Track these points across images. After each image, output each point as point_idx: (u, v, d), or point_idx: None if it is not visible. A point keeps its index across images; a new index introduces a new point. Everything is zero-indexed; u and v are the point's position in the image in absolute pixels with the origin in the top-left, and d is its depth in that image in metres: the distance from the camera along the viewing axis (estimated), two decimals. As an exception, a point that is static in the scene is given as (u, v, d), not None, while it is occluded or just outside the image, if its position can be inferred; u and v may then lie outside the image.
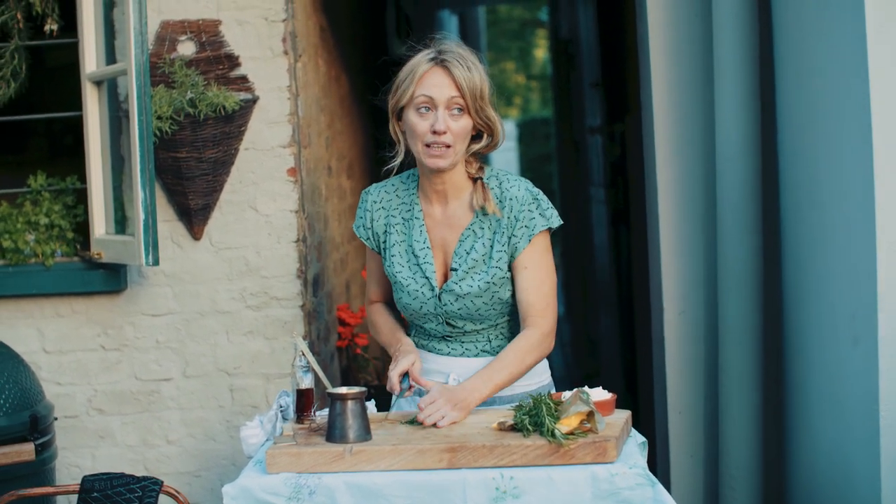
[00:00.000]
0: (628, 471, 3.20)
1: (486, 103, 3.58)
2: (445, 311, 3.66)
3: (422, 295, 3.67)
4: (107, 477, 3.60)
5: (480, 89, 3.56)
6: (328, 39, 6.37)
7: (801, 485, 4.66)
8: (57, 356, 5.20)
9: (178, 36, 5.06)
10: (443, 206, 3.69)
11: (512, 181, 3.66)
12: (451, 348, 3.72)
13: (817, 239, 4.37)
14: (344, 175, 6.78)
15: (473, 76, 3.55)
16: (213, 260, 5.15)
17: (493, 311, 3.67)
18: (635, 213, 7.24)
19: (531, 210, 3.61)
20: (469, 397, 3.50)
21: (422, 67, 3.57)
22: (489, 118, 3.60)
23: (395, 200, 3.76)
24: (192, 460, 5.22)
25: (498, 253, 3.61)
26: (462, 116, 3.56)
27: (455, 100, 3.55)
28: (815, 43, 4.30)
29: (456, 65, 3.54)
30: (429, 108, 3.56)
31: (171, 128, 4.89)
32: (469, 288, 3.62)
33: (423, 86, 3.56)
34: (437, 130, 3.53)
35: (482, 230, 3.64)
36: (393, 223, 3.74)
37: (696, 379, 5.10)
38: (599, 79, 9.26)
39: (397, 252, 3.72)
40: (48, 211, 5.20)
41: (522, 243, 3.60)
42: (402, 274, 3.70)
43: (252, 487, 3.26)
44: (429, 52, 3.60)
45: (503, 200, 3.63)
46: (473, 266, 3.63)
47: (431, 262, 3.67)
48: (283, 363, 5.15)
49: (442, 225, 3.69)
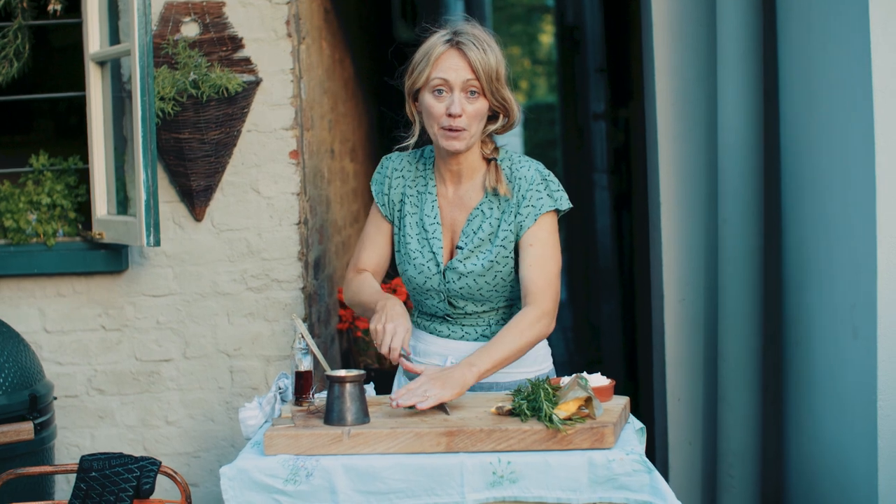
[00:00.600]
0: (625, 457, 3.20)
1: (501, 84, 3.58)
2: (448, 288, 3.65)
3: (427, 269, 3.67)
4: (105, 457, 3.61)
5: (496, 71, 3.56)
6: (332, 22, 6.36)
7: (799, 473, 4.67)
8: (58, 336, 5.21)
9: (182, 17, 5.05)
10: (455, 186, 3.70)
11: (523, 162, 3.67)
12: (451, 330, 3.72)
13: (818, 229, 4.37)
14: (347, 158, 6.77)
15: (489, 58, 3.54)
16: (215, 241, 5.15)
17: (495, 294, 3.66)
18: (638, 200, 7.24)
19: (539, 190, 3.61)
20: (464, 373, 3.41)
21: (437, 49, 3.57)
22: (504, 99, 3.60)
23: (413, 172, 3.77)
24: (191, 441, 5.23)
25: (504, 232, 3.61)
26: (477, 99, 3.56)
27: (470, 82, 3.54)
28: (818, 32, 4.30)
29: (471, 47, 3.54)
30: (444, 91, 3.56)
31: (173, 109, 4.88)
32: (473, 266, 3.62)
33: (438, 68, 3.56)
34: (452, 113, 3.54)
35: (491, 210, 3.64)
36: (408, 194, 3.75)
37: (695, 366, 5.11)
38: (604, 64, 9.25)
39: (408, 223, 3.72)
40: (50, 191, 5.20)
41: (528, 221, 3.60)
42: (411, 245, 3.70)
43: (249, 469, 3.26)
44: (444, 33, 3.59)
45: (513, 180, 3.63)
46: (479, 245, 3.63)
47: (440, 237, 3.68)
48: (283, 345, 5.16)
49: (453, 205, 3.70)
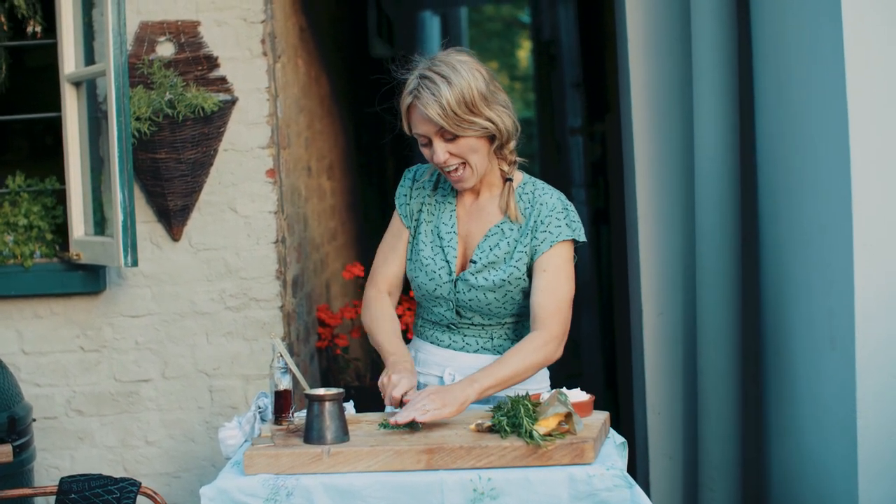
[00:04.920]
0: (606, 472, 3.20)
1: (478, 110, 3.49)
2: (457, 298, 3.66)
3: (438, 277, 3.67)
4: (84, 478, 3.60)
5: (465, 105, 3.47)
6: (308, 40, 6.37)
7: (780, 485, 4.67)
8: (35, 357, 5.19)
9: (157, 37, 5.05)
10: (474, 197, 3.72)
11: (546, 189, 3.67)
12: (452, 340, 3.72)
13: (795, 240, 4.38)
14: (324, 175, 6.77)
15: (450, 97, 3.45)
16: (193, 261, 5.14)
17: (503, 310, 3.67)
18: (615, 213, 7.25)
19: (558, 218, 3.61)
20: (464, 390, 3.42)
21: (406, 101, 3.52)
22: (489, 120, 3.52)
23: (432, 183, 3.78)
24: (171, 461, 5.21)
25: (519, 253, 3.62)
26: (457, 139, 3.51)
27: (440, 131, 3.50)
28: (793, 44, 4.31)
29: (427, 98, 3.46)
30: (426, 143, 3.55)
31: (149, 129, 4.88)
32: (484, 281, 3.62)
33: (412, 122, 3.54)
34: (437, 163, 3.54)
35: (511, 230, 3.65)
36: (427, 203, 3.76)
37: (674, 380, 5.11)
38: (580, 79, 9.27)
39: (424, 231, 3.74)
40: (27, 212, 5.19)
41: (544, 246, 3.60)
42: (424, 252, 3.71)
43: (229, 489, 3.25)
44: (413, 77, 3.52)
45: (533, 205, 3.63)
46: (494, 262, 3.63)
47: (455, 247, 3.69)
48: (263, 364, 5.15)
49: (471, 216, 3.71)
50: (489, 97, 3.52)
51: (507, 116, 3.57)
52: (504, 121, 3.56)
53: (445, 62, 3.52)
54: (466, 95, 3.47)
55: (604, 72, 7.76)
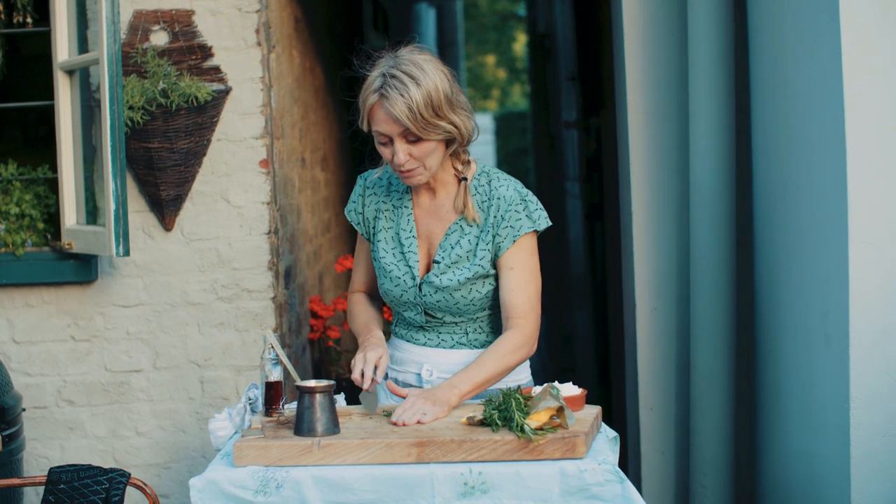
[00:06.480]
0: (597, 467, 3.19)
1: (442, 114, 3.47)
2: (424, 301, 3.65)
3: (403, 283, 3.66)
4: (73, 469, 3.58)
5: (431, 107, 3.44)
6: (303, 31, 6.35)
7: (772, 482, 4.66)
8: (26, 346, 5.17)
9: (151, 26, 5.03)
10: (431, 196, 3.69)
11: (502, 181, 3.64)
12: (427, 338, 3.72)
13: (790, 237, 4.37)
14: (318, 167, 6.75)
15: (417, 98, 3.42)
16: (185, 251, 5.13)
17: (473, 307, 3.66)
18: (610, 208, 7.24)
19: (518, 211, 3.60)
20: (448, 394, 3.46)
21: (370, 99, 3.48)
22: (452, 124, 3.50)
23: (386, 187, 3.76)
24: (161, 452, 5.20)
25: (482, 251, 3.60)
26: (420, 141, 3.48)
27: (404, 132, 3.47)
28: (790, 40, 4.30)
29: (395, 98, 3.42)
30: (385, 142, 3.52)
31: (142, 118, 4.86)
32: (449, 282, 3.61)
33: (373, 120, 3.50)
34: (395, 163, 3.51)
35: (470, 227, 3.63)
36: (383, 209, 3.74)
37: (667, 375, 5.10)
38: (576, 73, 9.25)
39: (383, 238, 3.72)
40: (19, 200, 5.17)
41: (507, 243, 3.58)
42: (385, 259, 3.69)
43: (219, 480, 3.24)
44: (378, 74, 3.49)
45: (491, 199, 3.61)
46: (457, 261, 3.62)
47: (416, 251, 3.67)
48: (254, 355, 5.13)
49: (430, 216, 3.69)
50: (453, 100, 3.50)
51: (468, 120, 3.56)
52: (466, 125, 3.54)
53: (412, 61, 3.48)
54: (434, 97, 3.44)
55: (599, 66, 7.74)
